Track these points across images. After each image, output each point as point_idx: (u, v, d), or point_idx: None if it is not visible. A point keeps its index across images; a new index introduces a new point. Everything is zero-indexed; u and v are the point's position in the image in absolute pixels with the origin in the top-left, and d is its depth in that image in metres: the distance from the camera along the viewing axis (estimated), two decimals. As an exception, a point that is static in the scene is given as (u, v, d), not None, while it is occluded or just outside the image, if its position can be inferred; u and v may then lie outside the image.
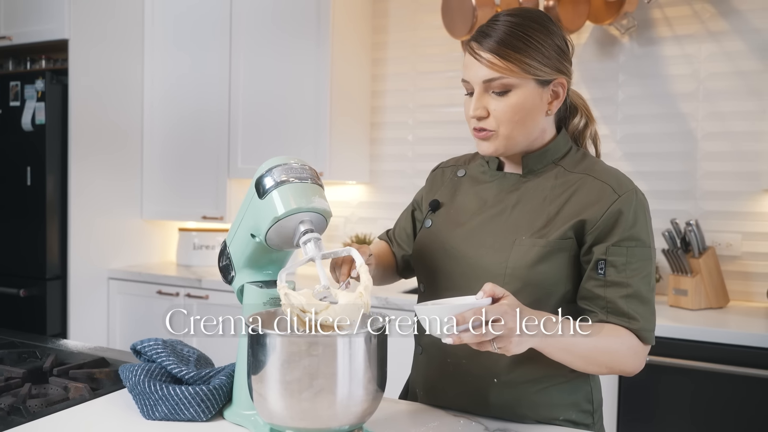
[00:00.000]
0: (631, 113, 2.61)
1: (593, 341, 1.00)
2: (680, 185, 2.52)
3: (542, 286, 1.07)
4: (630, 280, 1.04)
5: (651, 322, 1.05)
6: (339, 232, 3.15)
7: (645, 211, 1.08)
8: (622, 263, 1.05)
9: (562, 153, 1.15)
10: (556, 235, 1.06)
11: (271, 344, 0.90)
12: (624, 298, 1.04)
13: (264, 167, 1.05)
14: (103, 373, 1.31)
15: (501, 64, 1.05)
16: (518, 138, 1.10)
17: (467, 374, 1.12)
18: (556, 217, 1.08)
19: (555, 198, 1.10)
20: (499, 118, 1.08)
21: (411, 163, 3.01)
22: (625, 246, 1.05)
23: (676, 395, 1.98)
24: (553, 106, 1.12)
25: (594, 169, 1.12)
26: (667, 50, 2.54)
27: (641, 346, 1.04)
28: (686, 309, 2.25)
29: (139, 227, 3.20)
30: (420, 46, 2.97)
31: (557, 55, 1.09)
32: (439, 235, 1.19)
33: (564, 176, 1.12)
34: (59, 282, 2.85)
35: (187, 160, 3.11)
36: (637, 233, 1.05)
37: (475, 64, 1.08)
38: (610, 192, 1.07)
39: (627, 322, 1.03)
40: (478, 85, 1.08)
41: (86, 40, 2.86)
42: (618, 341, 1.02)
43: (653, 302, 1.07)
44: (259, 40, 2.92)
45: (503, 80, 1.05)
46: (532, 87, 1.07)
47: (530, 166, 1.15)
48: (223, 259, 1.17)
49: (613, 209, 1.05)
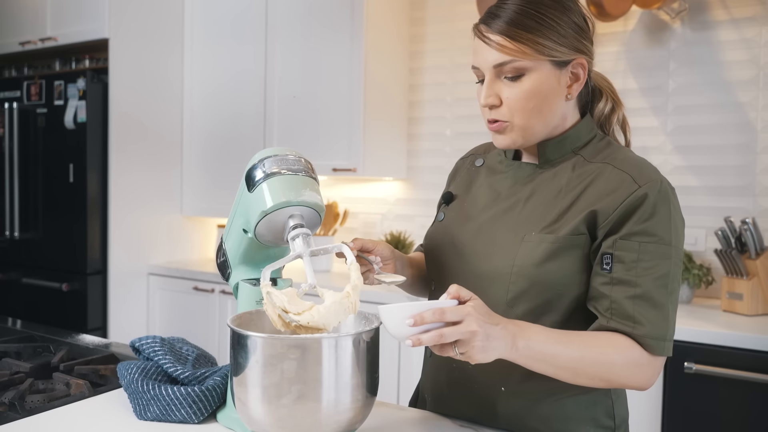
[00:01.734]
0: (682, 103, 2.43)
1: (579, 351, 0.89)
2: (737, 180, 2.33)
3: (551, 287, 0.97)
4: (639, 279, 0.92)
5: (662, 330, 0.92)
6: (376, 230, 3.09)
7: (668, 205, 0.95)
8: (631, 260, 0.93)
9: (584, 141, 1.05)
10: (566, 231, 0.96)
11: (250, 346, 0.84)
12: (631, 299, 0.92)
13: (256, 158, 0.99)
14: (108, 369, 1.29)
15: (512, 46, 0.95)
16: (536, 128, 1.00)
17: (473, 381, 1.04)
18: (568, 211, 0.98)
19: (570, 190, 1.00)
20: (512, 106, 0.98)
21: (449, 158, 2.92)
22: (636, 240, 0.93)
23: (728, 409, 1.82)
24: (573, 90, 1.01)
25: (615, 157, 1.00)
26: (723, 35, 2.36)
27: (646, 357, 0.92)
28: (741, 314, 2.07)
29: (178, 223, 3.23)
30: (458, 38, 2.88)
31: (575, 33, 0.99)
32: (449, 229, 1.11)
33: (582, 166, 1.02)
34: (100, 277, 2.90)
35: (226, 156, 3.11)
36: (652, 227, 0.93)
37: (484, 48, 0.99)
38: (629, 182, 0.95)
39: (631, 326, 0.92)
40: (489, 70, 0.99)
41: (126, 39, 2.91)
42: (613, 351, 0.91)
43: (669, 308, 0.93)
44: (294, 35, 2.89)
45: (515, 63, 0.96)
46: (548, 69, 0.97)
47: (547, 155, 1.05)
48: (220, 256, 1.12)
49: (630, 200, 0.94)
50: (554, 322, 0.98)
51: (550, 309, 0.98)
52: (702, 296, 2.37)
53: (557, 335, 0.90)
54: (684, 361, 1.85)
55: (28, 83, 2.99)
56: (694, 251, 2.37)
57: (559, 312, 0.98)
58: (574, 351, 0.89)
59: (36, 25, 3.08)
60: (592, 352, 0.90)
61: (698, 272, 2.23)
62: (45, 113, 2.95)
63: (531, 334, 0.88)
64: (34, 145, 3.00)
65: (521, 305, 0.98)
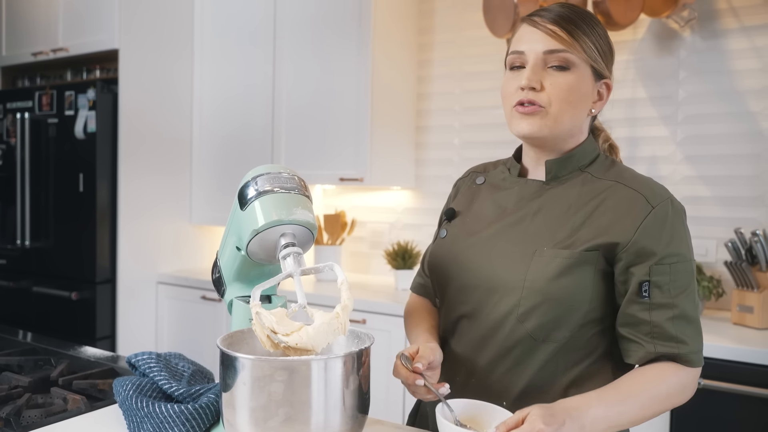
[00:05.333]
0: (693, 113, 2.40)
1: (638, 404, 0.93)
2: (749, 191, 2.30)
3: (563, 302, 0.97)
4: (676, 300, 0.95)
5: (699, 343, 0.97)
6: (384, 239, 3.08)
7: (683, 222, 0.99)
8: (666, 282, 0.95)
9: (590, 159, 1.06)
10: (582, 247, 0.97)
11: (238, 367, 0.84)
12: (671, 321, 0.95)
13: (249, 175, 1.00)
14: (107, 384, 1.29)
15: (566, 37, 0.99)
16: (565, 124, 1.02)
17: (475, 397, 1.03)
18: (582, 227, 0.98)
19: (582, 206, 1.00)
20: (554, 94, 1.00)
21: (457, 167, 2.90)
22: (667, 263, 0.96)
23: (738, 426, 1.79)
24: (597, 107, 1.06)
25: (624, 176, 1.02)
26: (734, 43, 2.32)
27: (689, 375, 0.96)
28: (752, 327, 2.03)
29: (187, 232, 3.25)
30: (467, 47, 2.86)
31: (609, 53, 1.05)
32: (453, 245, 1.11)
33: (591, 183, 1.03)
34: (109, 286, 2.92)
35: (234, 165, 3.13)
36: (677, 248, 0.96)
37: (536, 34, 1.01)
38: (642, 203, 0.97)
39: (675, 347, 0.94)
40: (536, 55, 1.00)
41: (136, 50, 2.93)
42: (665, 387, 0.94)
43: (699, 320, 0.98)
44: (303, 44, 2.90)
45: (565, 54, 0.99)
46: (588, 74, 1.02)
47: (554, 172, 1.05)
48: (215, 272, 1.12)
49: (647, 223, 0.96)
50: (563, 337, 0.99)
51: (560, 324, 0.98)
52: (712, 308, 2.33)
53: (613, 398, 0.92)
54: (692, 376, 1.82)
55: (39, 93, 3.03)
56: (704, 263, 2.33)
57: (569, 328, 0.98)
58: (633, 406, 0.92)
59: (48, 36, 3.12)
60: (648, 398, 0.93)
61: (708, 284, 2.20)
62: (56, 123, 2.98)
63: (590, 412, 0.89)
64: (45, 155, 3.03)
65: (532, 320, 0.98)
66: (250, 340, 0.97)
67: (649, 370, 0.95)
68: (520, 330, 0.99)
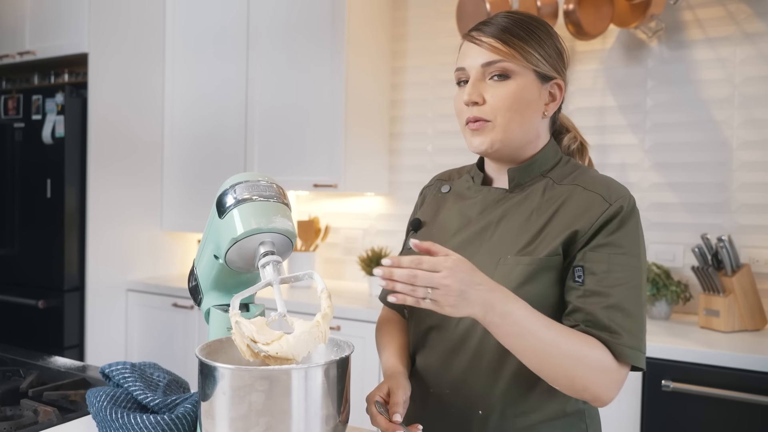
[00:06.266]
0: (660, 121, 2.46)
1: (554, 337, 0.88)
2: (714, 197, 2.36)
3: None
4: (612, 290, 0.93)
5: (637, 340, 0.93)
6: (357, 245, 3.08)
7: (636, 221, 0.98)
8: (602, 270, 0.94)
9: (551, 164, 1.07)
10: (544, 252, 0.97)
11: (217, 377, 0.83)
12: (605, 309, 0.93)
13: (227, 183, 0.99)
14: (78, 395, 1.27)
15: (503, 48, 1.00)
16: (516, 132, 1.02)
17: (450, 407, 1.04)
18: (541, 233, 0.99)
19: (543, 213, 1.01)
20: (496, 105, 1.00)
21: (430, 174, 2.88)
22: (605, 252, 0.95)
23: (706, 427, 1.83)
24: (550, 108, 1.06)
25: (583, 179, 1.03)
26: (699, 54, 2.39)
27: (616, 366, 0.91)
28: (718, 331, 2.09)
29: (158, 239, 3.20)
30: (440, 54, 2.89)
31: (557, 56, 1.05)
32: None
33: (552, 189, 1.04)
34: (78, 293, 2.86)
35: (206, 172, 3.10)
36: (619, 240, 0.96)
37: (474, 49, 1.03)
38: (599, 201, 0.98)
39: (608, 336, 0.92)
40: (476, 69, 1.02)
41: (106, 54, 2.89)
42: (587, 348, 0.89)
43: (642, 320, 0.95)
44: (276, 51, 2.89)
45: (503, 64, 1.00)
46: (532, 79, 1.02)
47: (517, 180, 1.06)
48: (192, 281, 1.11)
49: (602, 219, 0.96)
50: None
51: None
52: (680, 312, 2.39)
53: (538, 316, 0.89)
54: (661, 379, 1.86)
55: (5, 97, 2.96)
56: (672, 268, 2.39)
57: None
58: (549, 335, 0.88)
59: (14, 39, 3.05)
60: (566, 341, 0.89)
61: (676, 288, 2.25)
62: (22, 128, 2.91)
63: (512, 307, 0.87)
64: (11, 160, 2.96)
65: None
66: (229, 350, 0.96)
67: (581, 333, 0.92)
68: (489, 339, 0.98)
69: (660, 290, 2.25)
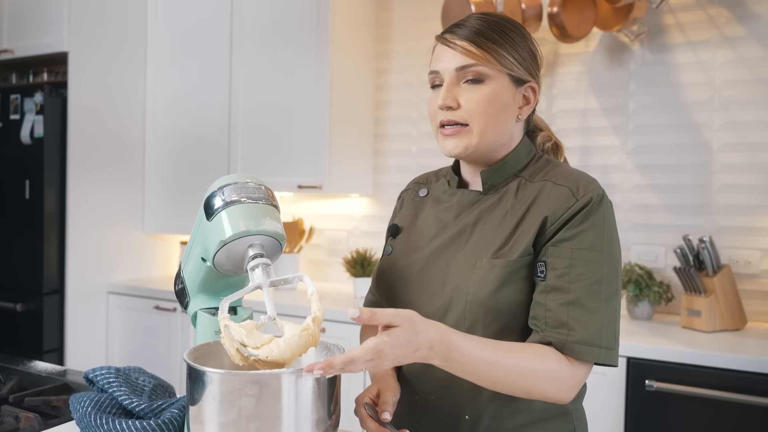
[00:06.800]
0: (642, 123, 2.49)
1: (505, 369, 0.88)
2: (695, 199, 2.39)
3: (507, 311, 0.97)
4: (572, 285, 0.93)
5: (596, 335, 0.91)
6: (342, 246, 3.07)
7: (602, 215, 0.96)
8: (563, 266, 0.94)
9: (524, 163, 1.07)
10: (517, 253, 0.97)
11: (206, 382, 0.82)
12: (564, 306, 0.92)
13: (215, 185, 0.97)
14: (61, 400, 1.24)
15: (477, 52, 0.99)
16: (491, 136, 1.01)
17: (437, 411, 1.03)
18: (515, 233, 0.99)
19: (516, 212, 1.01)
20: (471, 109, 1.00)
21: (414, 175, 2.89)
22: (567, 247, 0.94)
23: (690, 426, 1.85)
24: (524, 111, 1.05)
25: (553, 173, 1.02)
26: (680, 57, 2.42)
27: (571, 371, 0.91)
28: (700, 331, 2.11)
29: (140, 241, 3.16)
30: (424, 55, 2.89)
31: (530, 58, 1.04)
32: (398, 261, 1.11)
33: (525, 188, 1.03)
34: (57, 296, 2.81)
35: (189, 173, 3.06)
36: (583, 235, 0.94)
37: (448, 52, 1.02)
38: (567, 195, 0.97)
39: (565, 334, 0.91)
40: (450, 73, 1.01)
41: (86, 53, 2.85)
42: (538, 365, 0.90)
43: (603, 314, 0.93)
44: (260, 51, 2.87)
45: (478, 68, 0.99)
46: (506, 83, 1.01)
47: (490, 182, 1.06)
48: (178, 283, 1.09)
49: (568, 214, 0.96)
50: None
51: (506, 333, 0.98)
52: (662, 312, 2.41)
53: (486, 353, 0.87)
54: (645, 379, 1.88)
55: (-18, 96, 2.90)
56: (654, 268, 2.42)
57: (516, 334, 0.99)
58: (499, 370, 0.88)
59: (-8, 37, 2.99)
60: (518, 369, 0.89)
61: (658, 289, 2.27)
62: (0, 128, 2.86)
63: (454, 355, 0.85)
64: (-11, 160, 2.91)
65: (478, 332, 0.98)
66: (217, 353, 0.95)
67: (533, 347, 0.92)
68: None
69: (642, 291, 2.27)
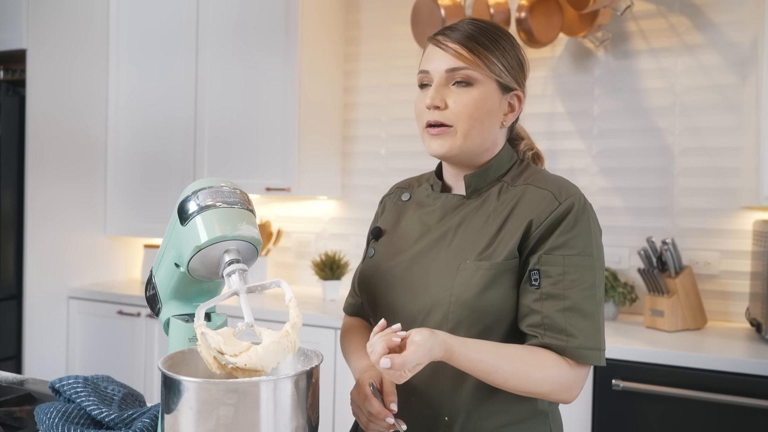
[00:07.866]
0: (607, 127, 2.54)
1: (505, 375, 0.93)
2: (657, 202, 2.45)
3: (490, 313, 0.98)
4: (568, 291, 0.95)
5: (594, 340, 0.95)
6: (310, 249, 3.05)
7: (588, 220, 0.99)
8: (557, 273, 0.96)
9: (506, 168, 1.09)
10: (503, 256, 0.98)
11: (183, 391, 0.80)
12: (561, 312, 0.95)
13: (189, 189, 0.95)
14: (24, 411, 1.20)
15: (468, 56, 1.01)
16: (475, 139, 1.03)
17: (417, 413, 1.04)
18: (499, 235, 1.00)
19: (498, 215, 1.02)
20: (459, 111, 1.01)
21: (383, 177, 2.92)
22: (559, 254, 0.96)
23: (656, 425, 1.90)
24: (508, 119, 1.07)
25: (535, 177, 1.05)
26: (643, 63, 2.48)
27: (573, 372, 0.95)
28: (663, 330, 2.17)
29: (102, 244, 3.08)
30: (393, 58, 2.90)
31: (518, 67, 1.06)
32: (381, 264, 1.11)
33: (506, 192, 1.05)
34: (14, 302, 2.72)
35: (153, 175, 3.00)
36: (574, 241, 0.97)
37: (439, 53, 1.03)
38: (550, 199, 0.99)
39: (564, 340, 0.94)
40: (439, 74, 1.02)
41: (46, 50, 2.76)
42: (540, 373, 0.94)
43: (598, 318, 0.97)
44: (227, 51, 2.83)
45: (467, 71, 1.01)
46: (494, 88, 1.03)
47: (473, 186, 1.08)
48: (150, 289, 1.07)
49: (552, 217, 0.98)
50: None
51: (490, 334, 0.99)
52: (626, 313, 2.47)
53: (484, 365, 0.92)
54: (612, 379, 1.92)
55: (-66, 94, 2.79)
56: (618, 270, 2.47)
57: (498, 335, 1.00)
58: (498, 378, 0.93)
59: (-56, 33, 2.88)
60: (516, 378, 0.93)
61: (623, 290, 2.33)
62: (-46, 127, 2.75)
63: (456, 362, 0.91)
64: (-59, 161, 2.79)
65: (461, 333, 0.99)
66: (192, 361, 0.93)
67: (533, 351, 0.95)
68: None
69: (608, 292, 2.32)
